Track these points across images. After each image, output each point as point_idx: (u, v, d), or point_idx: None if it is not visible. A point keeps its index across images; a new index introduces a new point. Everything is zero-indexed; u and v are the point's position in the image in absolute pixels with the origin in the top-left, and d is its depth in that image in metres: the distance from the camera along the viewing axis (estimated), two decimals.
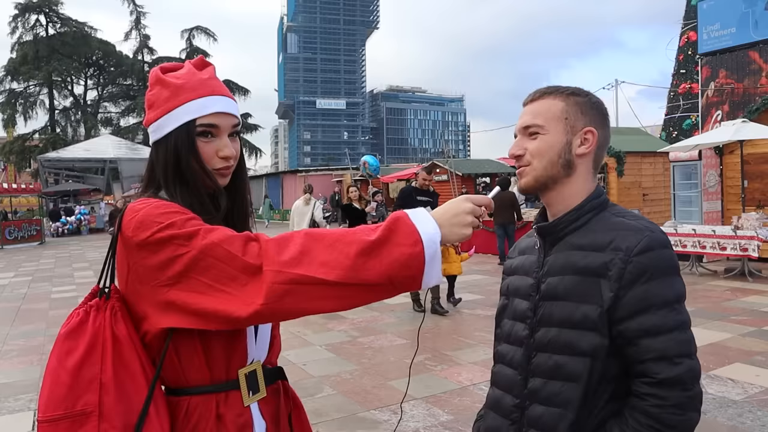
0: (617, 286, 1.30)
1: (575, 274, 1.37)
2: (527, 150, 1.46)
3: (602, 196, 1.47)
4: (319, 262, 1.18)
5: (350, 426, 4.46)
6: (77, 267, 16.07)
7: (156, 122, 1.40)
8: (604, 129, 1.47)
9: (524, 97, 1.52)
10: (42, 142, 45.46)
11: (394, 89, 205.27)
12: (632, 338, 1.29)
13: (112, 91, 51.15)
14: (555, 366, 1.38)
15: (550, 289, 1.43)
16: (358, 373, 5.80)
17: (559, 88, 1.48)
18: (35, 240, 24.93)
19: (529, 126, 1.46)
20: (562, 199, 1.46)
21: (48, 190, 33.05)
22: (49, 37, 46.41)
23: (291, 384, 1.62)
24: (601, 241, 1.36)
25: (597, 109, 1.47)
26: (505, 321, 1.58)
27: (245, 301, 1.18)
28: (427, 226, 1.24)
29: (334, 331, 7.50)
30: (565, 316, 1.37)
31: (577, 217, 1.43)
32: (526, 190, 1.51)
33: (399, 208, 7.00)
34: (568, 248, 1.42)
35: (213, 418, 1.33)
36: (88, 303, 1.32)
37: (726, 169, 12.85)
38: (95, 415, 1.21)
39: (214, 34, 50.65)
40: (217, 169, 1.41)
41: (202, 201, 1.40)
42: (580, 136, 1.44)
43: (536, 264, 1.50)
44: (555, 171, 1.44)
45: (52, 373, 1.24)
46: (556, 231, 1.46)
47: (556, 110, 1.44)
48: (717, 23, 13.94)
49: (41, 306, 10.28)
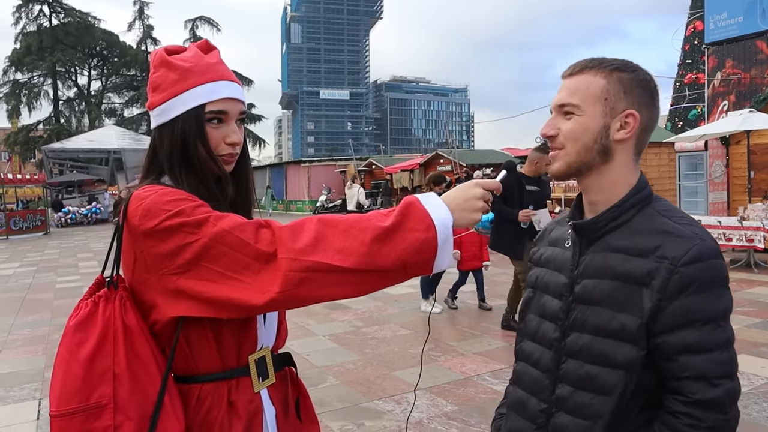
0: (659, 296, 1.19)
1: (614, 279, 1.26)
2: (560, 131, 1.33)
3: (646, 189, 1.33)
4: (334, 248, 1.16)
5: (354, 416, 4.45)
6: (82, 257, 16.10)
7: (162, 105, 1.37)
8: (649, 110, 1.31)
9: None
10: (46, 133, 45.53)
11: (397, 79, 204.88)
12: (671, 353, 1.20)
13: (116, 82, 51.11)
14: (586, 376, 1.28)
15: (585, 293, 1.31)
16: (362, 363, 5.79)
17: (603, 62, 1.31)
18: (40, 230, 24.98)
19: (564, 104, 1.32)
20: (599, 187, 1.33)
21: (52, 180, 33.10)
22: (52, 27, 46.33)
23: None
24: (645, 245, 1.24)
25: (644, 87, 1.30)
26: (531, 317, 1.47)
27: (260, 289, 1.16)
28: (439, 210, 1.23)
29: (338, 322, 7.50)
30: (601, 323, 1.27)
31: (618, 214, 1.30)
32: (558, 176, 1.38)
33: (501, 199, 6.18)
34: (606, 249, 1.30)
35: (225, 405, 1.33)
36: (95, 293, 1.29)
37: (732, 160, 12.79)
38: (110, 407, 1.19)
39: (217, 24, 50.50)
40: (222, 155, 1.39)
41: (208, 187, 1.37)
42: (620, 119, 1.28)
43: (570, 261, 1.37)
44: (590, 157, 1.31)
45: (63, 365, 1.22)
46: (594, 230, 1.33)
47: (596, 89, 1.29)
48: (724, 12, 13.82)
49: (46, 296, 10.31)
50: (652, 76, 1.32)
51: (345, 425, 4.28)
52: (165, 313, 1.27)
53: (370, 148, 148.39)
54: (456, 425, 4.25)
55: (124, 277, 1.34)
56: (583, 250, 1.35)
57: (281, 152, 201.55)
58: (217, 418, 1.31)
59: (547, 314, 1.40)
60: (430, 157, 28.88)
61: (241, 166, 1.48)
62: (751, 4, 13.31)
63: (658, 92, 1.34)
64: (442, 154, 27.39)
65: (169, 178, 1.38)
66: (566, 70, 1.36)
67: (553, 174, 1.39)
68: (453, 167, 23.41)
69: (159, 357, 1.28)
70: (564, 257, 1.40)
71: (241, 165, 1.48)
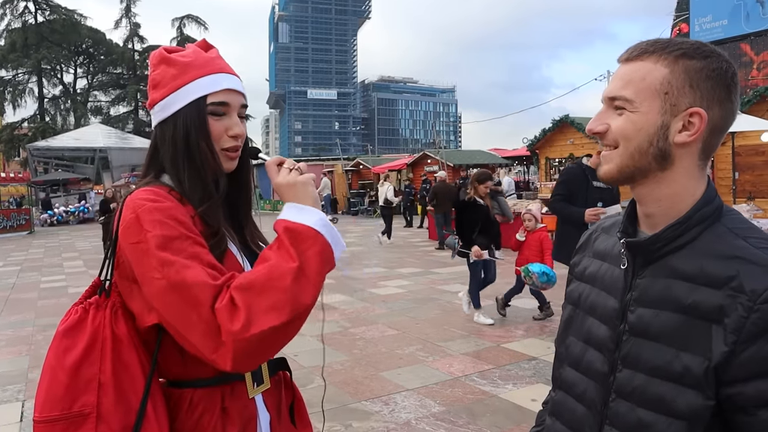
0: (734, 338, 0.99)
1: (677, 312, 1.06)
2: (611, 128, 1.12)
3: (715, 200, 1.11)
4: (264, 310, 1.13)
5: (341, 417, 4.44)
6: (66, 257, 15.96)
7: (162, 101, 1.36)
8: (722, 108, 1.08)
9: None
10: (31, 131, 45.04)
11: (385, 80, 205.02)
12: (747, 407, 1.00)
13: (102, 80, 50.68)
14: (638, 423, 1.10)
15: (641, 324, 1.12)
16: (350, 363, 5.78)
17: (668, 46, 1.09)
18: (24, 229, 24.73)
19: (615, 97, 1.12)
20: (657, 198, 1.12)
21: (37, 179, 32.77)
22: (38, 24, 45.87)
23: None
24: (717, 273, 1.03)
25: (717, 78, 1.06)
26: (573, 340, 1.28)
27: (213, 360, 1.14)
28: (307, 214, 1.25)
29: (326, 322, 7.48)
30: (660, 363, 1.07)
31: (682, 232, 1.09)
32: (608, 181, 1.17)
33: (563, 197, 5.65)
34: (668, 274, 1.09)
35: (218, 411, 1.31)
36: (87, 300, 1.28)
37: (717, 161, 12.91)
38: (93, 416, 1.18)
39: (205, 22, 50.26)
40: (225, 148, 1.37)
41: (206, 184, 1.35)
42: (683, 118, 1.07)
43: (622, 283, 1.17)
44: (644, 162, 1.10)
45: (49, 371, 1.21)
46: (651, 251, 1.12)
47: (654, 80, 1.08)
48: (709, 15, 13.96)
49: (30, 296, 10.20)
50: (730, 63, 1.09)
51: (333, 426, 4.27)
52: (142, 321, 1.26)
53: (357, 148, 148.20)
54: (444, 426, 4.25)
55: (116, 279, 1.33)
56: (638, 271, 1.15)
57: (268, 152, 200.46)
58: (209, 424, 1.30)
59: (593, 341, 1.22)
60: (417, 158, 28.90)
61: (242, 165, 1.46)
62: (735, 8, 13.44)
63: (736, 84, 1.10)
64: (430, 155, 27.41)
65: (169, 176, 1.37)
66: (623, 54, 1.15)
67: (601, 177, 1.19)
68: (440, 167, 23.44)
69: (147, 366, 1.27)
70: (614, 276, 1.20)
71: (243, 163, 1.47)
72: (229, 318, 1.14)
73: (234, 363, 1.13)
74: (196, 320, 1.14)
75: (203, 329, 1.14)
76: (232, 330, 1.12)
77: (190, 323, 1.15)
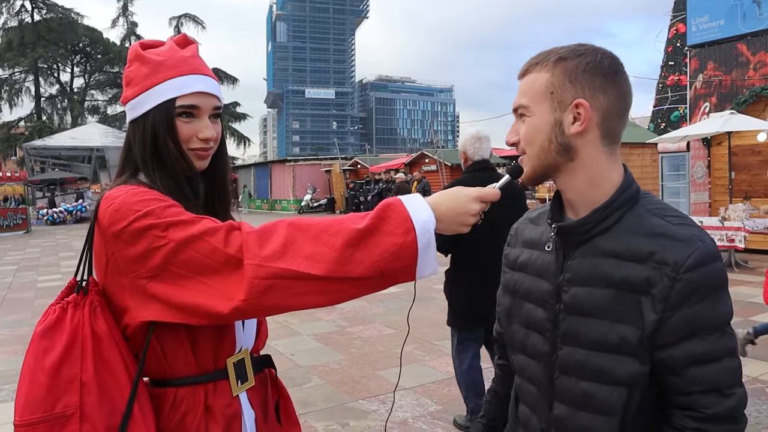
0: (662, 307, 1.09)
1: (608, 287, 1.15)
2: (520, 135, 1.24)
3: (633, 185, 1.21)
4: (303, 254, 1.10)
5: (338, 416, 4.45)
6: (63, 256, 15.92)
7: (134, 100, 1.35)
8: (606, 93, 1.17)
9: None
10: (28, 130, 44.91)
11: (383, 79, 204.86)
12: (677, 367, 1.10)
13: (99, 79, 50.55)
14: (583, 395, 1.17)
15: (575, 302, 1.19)
16: (347, 363, 5.79)
17: (548, 55, 1.21)
18: (21, 229, 24.67)
19: (517, 108, 1.24)
20: (573, 186, 1.22)
21: (34, 178, 32.73)
22: (34, 23, 45.73)
23: (279, 374, 1.60)
24: (641, 249, 1.13)
25: (592, 71, 1.17)
26: (516, 327, 1.35)
27: (226, 296, 1.12)
28: (421, 212, 1.15)
29: (323, 321, 7.48)
30: (597, 337, 1.15)
31: (606, 216, 1.18)
32: (527, 182, 1.27)
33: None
34: (597, 254, 1.18)
35: (201, 409, 1.30)
36: (65, 299, 1.26)
37: (714, 161, 12.94)
38: (76, 417, 1.15)
39: (202, 21, 50.18)
40: (194, 149, 1.35)
41: (180, 185, 1.34)
42: (571, 111, 1.17)
43: (554, 266, 1.25)
44: (550, 159, 1.20)
45: (28, 373, 1.19)
46: (580, 233, 1.21)
47: (541, 85, 1.19)
48: (706, 15, 13.97)
49: (27, 295, 10.19)
50: (606, 54, 1.20)
51: (329, 425, 4.27)
52: (136, 317, 1.23)
53: (355, 148, 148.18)
54: (441, 425, 4.26)
55: (98, 279, 1.31)
56: (568, 254, 1.23)
57: (266, 151, 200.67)
58: (192, 423, 1.29)
59: (533, 324, 1.29)
60: (415, 157, 28.90)
61: (216, 162, 1.45)
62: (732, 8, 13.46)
63: (617, 69, 1.20)
64: (428, 154, 27.41)
65: (144, 175, 1.36)
66: (520, 71, 1.27)
67: (523, 182, 1.29)
68: (438, 167, 23.44)
69: (130, 364, 1.25)
70: (545, 261, 1.28)
71: (217, 161, 1.45)
72: (258, 243, 1.12)
73: (247, 294, 1.10)
74: (214, 264, 1.13)
75: (223, 268, 1.12)
76: (260, 254, 1.10)
77: (209, 270, 1.13)
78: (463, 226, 1.21)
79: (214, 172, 1.46)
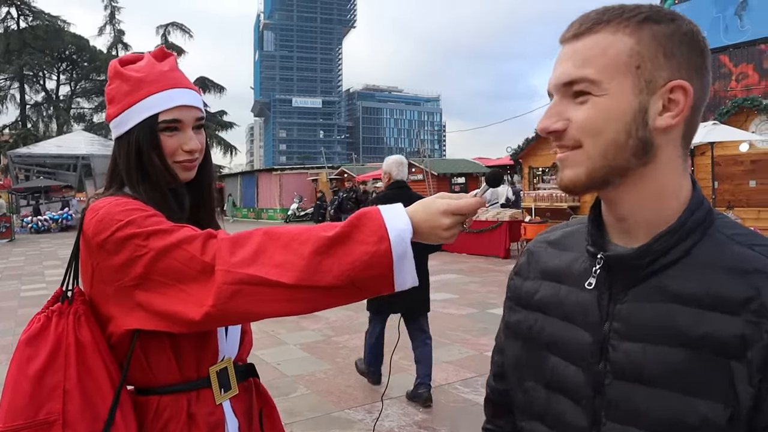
0: (760, 377, 0.76)
1: (680, 346, 0.81)
2: (571, 122, 0.86)
3: (704, 203, 0.88)
4: (274, 263, 1.10)
5: (324, 425, 4.44)
6: (48, 265, 15.77)
7: (117, 118, 1.38)
8: (701, 78, 0.86)
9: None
10: (12, 138, 44.49)
11: (370, 88, 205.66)
12: None
13: (85, 87, 50.26)
14: None
15: (629, 364, 0.85)
16: (333, 372, 5.78)
17: (624, 11, 0.85)
18: (5, 237, 24.42)
19: (574, 81, 0.85)
20: (637, 201, 0.88)
21: (18, 186, 32.43)
22: (20, 30, 45.42)
23: (265, 383, 1.61)
24: (730, 293, 0.79)
25: (690, 43, 0.84)
26: (532, 386, 1.00)
27: (199, 303, 1.13)
28: (398, 221, 1.09)
29: (309, 330, 7.47)
30: (664, 415, 0.81)
31: (676, 242, 0.85)
32: (573, 190, 0.90)
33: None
34: (659, 297, 0.84)
35: (184, 417, 1.31)
36: (49, 308, 1.28)
37: (697, 171, 13.06)
38: (59, 423, 1.17)
39: (189, 30, 49.96)
40: (180, 161, 1.38)
41: (165, 197, 1.36)
42: (663, 96, 0.83)
43: (596, 310, 0.91)
44: (621, 160, 0.85)
45: (12, 381, 1.20)
46: (639, 266, 0.86)
47: (620, 53, 0.83)
48: None
49: (10, 304, 10.07)
50: (696, 25, 0.87)
51: None
52: (121, 325, 1.25)
53: (342, 157, 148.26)
54: None
55: (84, 289, 1.33)
56: (618, 295, 0.89)
57: (253, 160, 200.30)
58: (175, 430, 1.30)
59: (560, 387, 0.95)
60: None
61: (202, 172, 1.47)
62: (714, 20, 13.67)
63: (707, 51, 0.88)
64: (414, 164, 27.44)
65: (129, 189, 1.38)
66: (568, 30, 0.89)
67: (564, 187, 0.91)
68: (425, 176, 23.49)
69: (114, 372, 1.26)
70: (580, 302, 0.94)
71: (202, 170, 1.47)
72: (230, 250, 1.13)
73: (215, 299, 1.10)
74: (192, 272, 1.14)
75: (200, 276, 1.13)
76: (230, 261, 1.11)
77: (187, 278, 1.14)
78: (440, 239, 1.13)
79: (200, 182, 1.48)
